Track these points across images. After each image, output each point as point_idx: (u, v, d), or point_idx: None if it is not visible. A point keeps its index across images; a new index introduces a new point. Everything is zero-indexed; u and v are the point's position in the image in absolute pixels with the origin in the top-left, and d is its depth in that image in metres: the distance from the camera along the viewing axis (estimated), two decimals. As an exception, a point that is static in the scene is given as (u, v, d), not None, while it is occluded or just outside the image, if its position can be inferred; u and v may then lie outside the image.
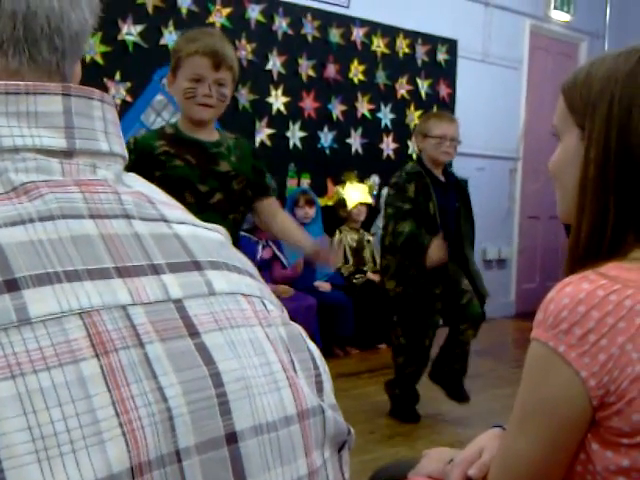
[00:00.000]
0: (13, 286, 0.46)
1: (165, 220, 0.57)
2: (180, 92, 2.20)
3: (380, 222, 4.70)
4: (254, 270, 0.64)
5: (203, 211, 2.08)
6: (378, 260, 4.75)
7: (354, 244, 5.45)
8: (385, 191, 4.82)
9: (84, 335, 0.47)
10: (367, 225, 5.64)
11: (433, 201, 3.50)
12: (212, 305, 0.55)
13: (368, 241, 5.52)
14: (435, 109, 6.13)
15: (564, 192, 1.04)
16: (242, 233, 4.11)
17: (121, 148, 0.59)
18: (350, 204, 5.41)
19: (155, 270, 0.53)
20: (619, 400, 0.86)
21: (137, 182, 0.60)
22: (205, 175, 2.20)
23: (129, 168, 0.60)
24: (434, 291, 3.54)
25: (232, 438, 0.52)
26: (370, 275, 5.33)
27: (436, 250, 3.33)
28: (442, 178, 3.61)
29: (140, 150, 2.16)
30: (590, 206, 0.96)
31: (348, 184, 5.50)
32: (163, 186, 0.63)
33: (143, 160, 2.12)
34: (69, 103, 0.55)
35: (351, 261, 5.42)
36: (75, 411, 0.45)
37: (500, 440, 1.03)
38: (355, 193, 5.45)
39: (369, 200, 5.55)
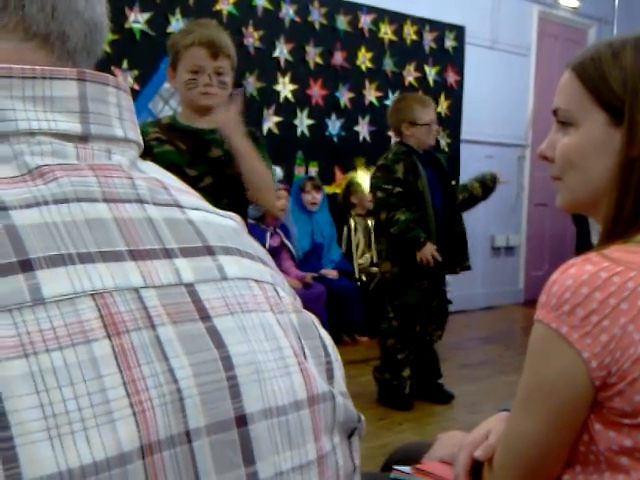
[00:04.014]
0: (27, 267, 0.46)
1: (179, 205, 0.57)
2: (181, 84, 2.24)
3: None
4: (267, 257, 0.64)
5: None
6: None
7: (363, 230, 5.46)
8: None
9: (96, 316, 0.47)
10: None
11: (422, 178, 3.56)
12: (224, 290, 0.55)
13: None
14: (443, 96, 6.12)
15: (583, 181, 1.03)
16: (250, 221, 4.09)
17: (136, 135, 0.59)
18: (366, 189, 5.42)
19: (168, 254, 0.53)
20: (621, 381, 0.87)
21: (151, 168, 0.60)
22: (195, 160, 2.22)
23: None
24: (425, 270, 3.59)
25: (242, 421, 0.52)
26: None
27: (429, 254, 3.49)
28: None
29: None
30: (637, 183, 0.95)
31: (359, 171, 5.49)
32: None
33: None
34: (84, 88, 0.55)
35: (362, 246, 5.43)
36: (86, 390, 0.45)
37: (505, 422, 1.04)
38: (366, 179, 5.45)
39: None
